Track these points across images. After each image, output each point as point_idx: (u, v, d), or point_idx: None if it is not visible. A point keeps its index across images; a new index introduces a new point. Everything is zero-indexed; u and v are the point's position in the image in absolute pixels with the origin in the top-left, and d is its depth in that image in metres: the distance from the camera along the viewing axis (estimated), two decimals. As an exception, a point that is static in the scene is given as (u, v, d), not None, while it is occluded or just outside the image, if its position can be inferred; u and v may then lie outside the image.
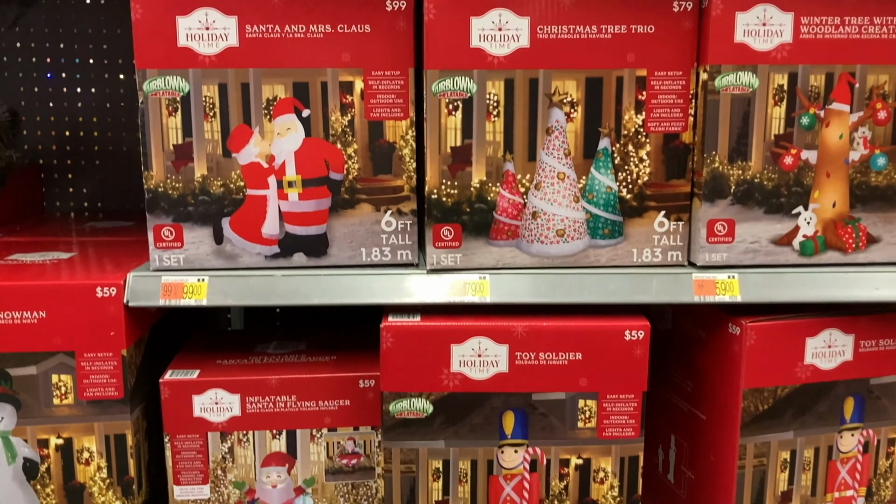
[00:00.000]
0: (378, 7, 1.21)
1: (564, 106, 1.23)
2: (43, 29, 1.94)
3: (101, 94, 1.96)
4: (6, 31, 1.93)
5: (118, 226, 1.75)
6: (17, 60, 1.95)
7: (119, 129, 1.98)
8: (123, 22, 1.93)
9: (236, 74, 1.21)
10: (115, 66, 1.96)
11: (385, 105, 1.23)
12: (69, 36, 1.94)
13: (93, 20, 1.94)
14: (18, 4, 1.90)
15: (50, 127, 1.97)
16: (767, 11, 1.20)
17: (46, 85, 1.96)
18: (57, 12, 1.93)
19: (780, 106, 1.23)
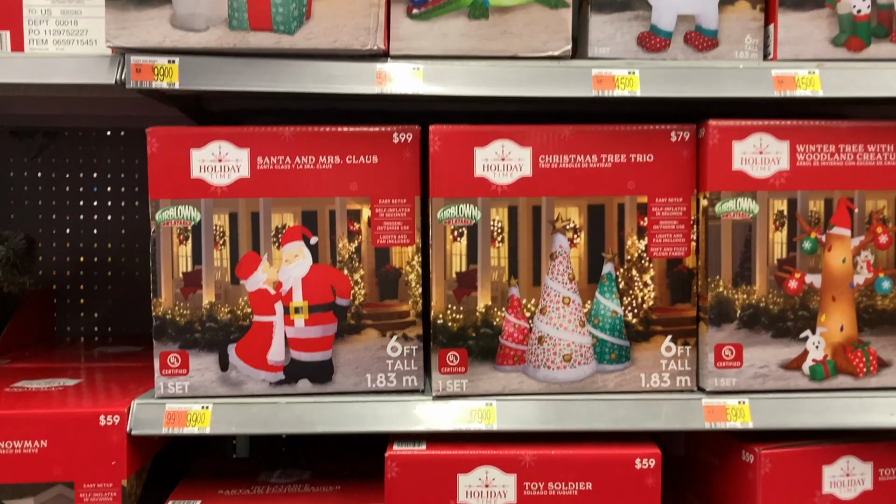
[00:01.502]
0: (385, 139, 1.25)
1: (567, 232, 1.25)
2: (64, 159, 2.01)
3: (115, 220, 2.01)
4: (29, 161, 2.00)
5: (126, 351, 1.75)
6: (37, 189, 2.01)
7: (132, 255, 2.01)
8: (140, 152, 2.00)
9: (247, 204, 1.24)
10: (131, 193, 2.01)
11: (392, 232, 1.26)
12: (88, 165, 2.01)
13: (112, 151, 2.01)
14: (43, 136, 1.98)
15: (64, 252, 2.00)
16: (763, 140, 1.24)
17: (63, 212, 2.01)
18: (78, 143, 2.00)
19: (781, 231, 1.25)
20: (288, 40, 1.20)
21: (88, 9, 1.29)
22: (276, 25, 1.19)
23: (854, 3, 1.23)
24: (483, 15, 1.22)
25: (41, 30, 1.29)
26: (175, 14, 1.19)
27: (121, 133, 2.01)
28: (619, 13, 1.25)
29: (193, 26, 1.19)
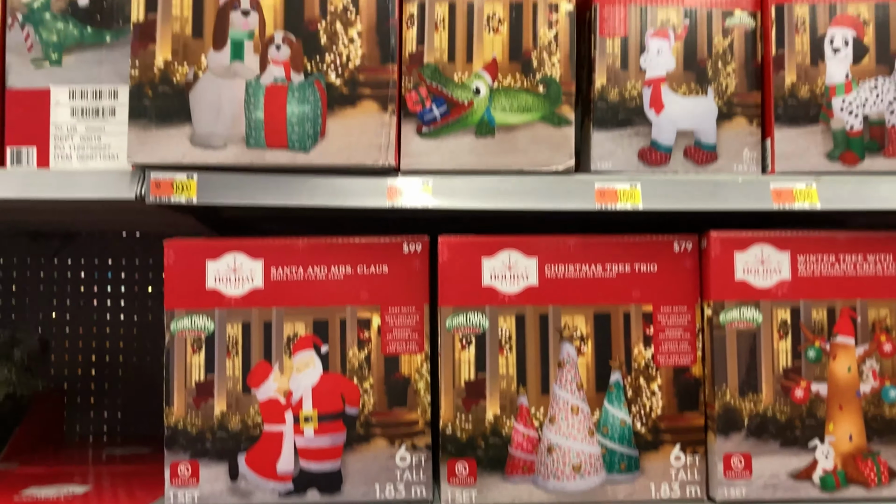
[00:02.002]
0: (395, 249, 1.29)
1: (575, 340, 1.27)
2: (79, 259, 2.05)
3: (128, 321, 2.04)
4: (46, 262, 2.05)
5: (135, 453, 1.75)
6: (52, 289, 2.05)
7: (143, 355, 2.04)
8: (153, 253, 2.04)
9: (260, 314, 1.27)
10: (143, 294, 2.05)
11: (401, 340, 1.28)
12: (103, 266, 2.05)
13: (127, 251, 2.06)
14: (60, 238, 2.03)
15: (76, 352, 2.03)
16: (764, 250, 1.27)
17: (77, 312, 2.04)
18: (94, 244, 2.05)
19: (785, 340, 1.26)
20: (303, 157, 1.25)
21: (112, 125, 1.34)
22: (291, 143, 1.24)
23: (846, 119, 1.28)
24: (489, 133, 1.27)
25: (66, 145, 1.34)
26: (194, 133, 1.24)
27: (136, 234, 2.06)
28: (620, 129, 1.30)
29: (212, 144, 1.24)
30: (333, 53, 1.25)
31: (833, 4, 1.30)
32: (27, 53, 1.35)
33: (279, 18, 1.25)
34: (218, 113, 1.25)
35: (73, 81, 1.34)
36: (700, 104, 1.30)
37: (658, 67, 1.30)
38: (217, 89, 1.25)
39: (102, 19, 1.35)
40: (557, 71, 1.26)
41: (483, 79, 1.27)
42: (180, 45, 1.24)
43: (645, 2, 1.31)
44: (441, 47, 1.27)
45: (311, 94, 1.25)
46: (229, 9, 1.25)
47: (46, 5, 1.35)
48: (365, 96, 1.25)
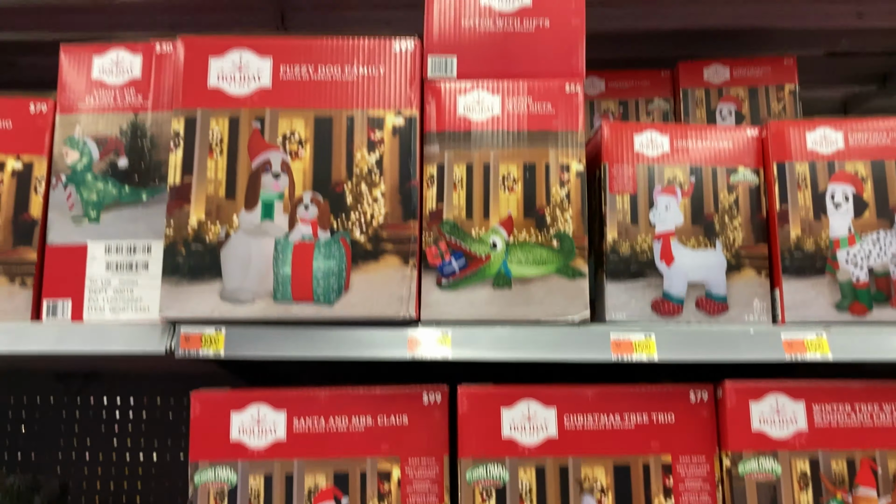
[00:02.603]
0: (415, 399, 1.31)
1: (595, 493, 1.27)
2: (101, 398, 2.08)
3: (148, 461, 2.05)
4: (68, 401, 2.07)
5: None
6: (73, 428, 2.07)
7: (161, 497, 2.03)
8: (175, 393, 2.07)
9: (282, 466, 1.28)
10: (166, 435, 2.06)
11: (421, 493, 1.28)
12: (125, 406, 2.07)
13: (149, 391, 2.09)
14: (83, 378, 2.07)
15: (96, 495, 2.02)
16: (779, 400, 1.28)
17: (98, 451, 2.05)
18: (117, 384, 2.08)
19: (806, 491, 1.26)
20: (328, 310, 1.29)
21: (144, 279, 1.40)
22: (317, 297, 1.30)
23: (852, 270, 1.33)
24: (506, 285, 1.32)
25: (100, 298, 1.40)
26: (224, 288, 1.30)
27: (158, 374, 2.09)
28: (633, 281, 1.35)
29: (240, 299, 1.30)
30: (358, 212, 1.31)
31: (832, 162, 1.37)
32: (68, 211, 1.43)
33: (308, 180, 1.32)
34: (247, 269, 1.31)
35: (110, 237, 1.42)
36: (709, 257, 1.35)
37: (667, 222, 1.36)
38: (247, 247, 1.31)
39: (140, 179, 1.43)
40: (570, 226, 1.32)
41: (499, 234, 1.33)
42: (214, 205, 1.31)
43: (652, 161, 1.39)
44: (459, 205, 1.34)
45: (336, 250, 1.31)
46: (261, 172, 1.33)
47: (88, 167, 1.44)
48: (387, 251, 1.31)
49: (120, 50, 1.47)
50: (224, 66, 1.34)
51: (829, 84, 2.37)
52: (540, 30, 1.40)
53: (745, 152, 1.40)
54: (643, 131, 1.40)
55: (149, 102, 1.45)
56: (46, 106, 1.46)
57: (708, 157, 1.40)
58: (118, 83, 1.46)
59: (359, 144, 1.33)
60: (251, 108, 1.33)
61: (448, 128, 1.35)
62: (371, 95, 1.34)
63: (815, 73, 2.31)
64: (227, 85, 1.34)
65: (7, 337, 1.31)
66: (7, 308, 1.39)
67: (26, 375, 2.07)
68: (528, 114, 1.35)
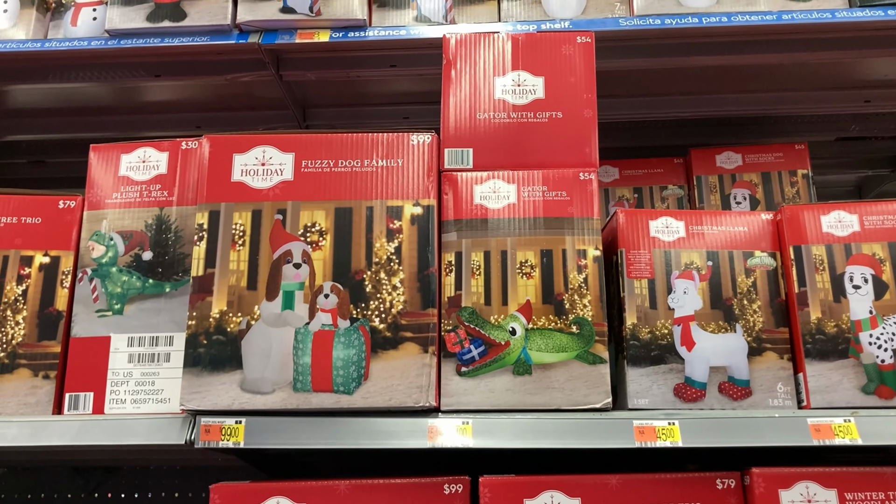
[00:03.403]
0: (437, 490, 1.29)
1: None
2: (120, 494, 2.06)
3: (163, 557, 2.01)
4: (86, 496, 2.05)
5: None
6: (90, 525, 2.04)
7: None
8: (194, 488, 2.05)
9: (301, 560, 1.26)
10: (182, 529, 2.03)
11: (443, 588, 1.25)
12: (143, 500, 2.05)
13: (167, 484, 2.07)
14: (102, 472, 2.05)
15: None
16: (810, 488, 1.25)
17: (113, 548, 2.02)
18: (135, 478, 2.06)
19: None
20: (347, 399, 1.29)
21: (165, 370, 1.41)
22: (336, 387, 1.30)
23: (876, 353, 1.31)
24: (526, 372, 1.31)
25: (121, 390, 1.41)
26: (245, 378, 1.30)
27: (177, 468, 2.08)
28: (654, 366, 1.34)
29: (261, 389, 1.30)
30: (378, 300, 1.33)
31: (848, 244, 1.37)
32: (92, 304, 1.45)
33: (328, 270, 1.34)
34: (267, 359, 1.31)
35: (133, 329, 1.43)
36: (730, 341, 1.35)
37: (686, 307, 1.36)
38: (268, 337, 1.32)
39: (163, 271, 1.46)
40: (589, 312, 1.33)
41: (518, 320, 1.34)
42: (235, 296, 1.33)
43: (668, 245, 1.40)
44: (478, 291, 1.35)
45: (356, 339, 1.32)
46: (282, 262, 1.35)
47: (114, 260, 1.47)
48: (407, 339, 1.31)
49: (147, 148, 1.52)
50: (247, 161, 1.39)
51: (841, 168, 2.40)
52: (553, 120, 1.44)
53: (760, 236, 1.41)
54: (658, 217, 1.42)
55: (174, 197, 1.49)
56: (75, 202, 1.51)
57: (724, 241, 1.41)
58: (145, 179, 1.50)
59: (378, 234, 1.35)
60: (273, 200, 1.37)
61: (465, 216, 1.38)
62: (390, 186, 1.37)
63: (828, 158, 2.34)
64: (250, 179, 1.38)
65: (29, 430, 1.31)
66: (30, 402, 1.40)
67: (45, 469, 2.06)
68: (543, 201, 1.38)
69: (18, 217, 1.50)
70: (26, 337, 1.43)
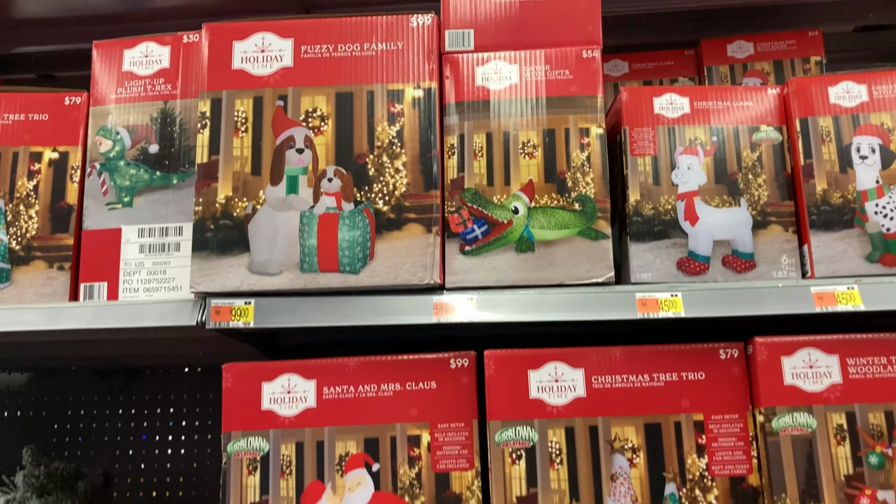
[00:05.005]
0: (443, 365, 1.32)
1: (626, 452, 1.26)
2: (143, 396, 2.12)
3: (188, 455, 2.08)
4: (111, 399, 2.12)
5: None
6: (116, 425, 2.11)
7: (203, 489, 2.06)
8: (214, 387, 2.10)
9: (313, 433, 1.30)
10: (205, 428, 2.09)
11: (451, 456, 1.28)
12: (166, 401, 2.11)
13: (188, 387, 2.12)
14: (125, 375, 2.11)
15: (138, 488, 2.06)
16: (812, 355, 1.26)
17: (139, 447, 2.09)
18: (157, 381, 2.12)
19: (843, 445, 1.23)
20: (353, 279, 1.31)
21: (176, 259, 1.44)
22: (342, 267, 1.31)
23: (881, 222, 1.30)
24: (529, 248, 1.32)
25: (134, 279, 1.44)
26: (252, 261, 1.33)
27: (197, 370, 2.13)
28: (658, 241, 1.34)
29: (268, 271, 1.32)
30: (381, 183, 1.33)
31: (856, 115, 1.35)
32: (102, 198, 1.47)
33: (331, 154, 1.35)
34: (274, 242, 1.33)
35: (142, 221, 1.46)
36: (734, 215, 1.34)
37: (690, 182, 1.36)
38: (273, 220, 1.34)
39: (170, 164, 1.48)
40: (592, 189, 1.33)
41: (521, 199, 1.34)
42: (240, 182, 1.34)
43: (672, 122, 1.39)
44: (480, 173, 1.35)
45: (360, 220, 1.33)
46: (285, 148, 1.36)
47: (121, 154, 1.48)
48: (410, 220, 1.32)
49: (149, 42, 1.52)
50: (247, 49, 1.38)
51: (857, 60, 2.34)
52: (555, 0, 1.42)
53: (766, 111, 1.39)
54: (663, 94, 1.40)
55: (177, 90, 1.49)
56: (80, 99, 1.52)
57: (729, 117, 1.39)
58: (148, 74, 1.50)
59: (379, 118, 1.35)
60: (274, 87, 1.37)
61: (467, 98, 1.37)
62: (390, 70, 1.37)
63: (845, 51, 2.28)
64: (250, 66, 1.38)
65: (46, 316, 1.35)
66: (46, 292, 1.44)
67: (69, 373, 2.12)
68: (546, 81, 1.36)
69: (26, 114, 1.51)
70: (40, 230, 1.46)
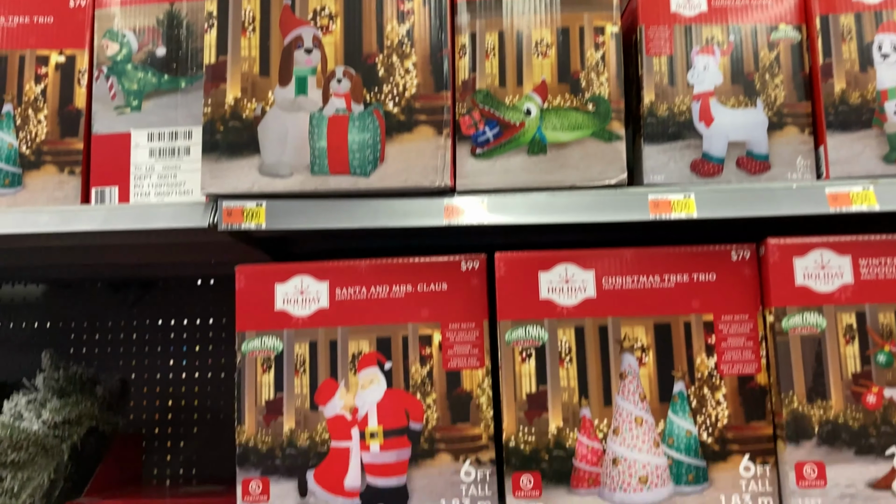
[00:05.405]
0: (454, 267, 1.32)
1: (636, 351, 1.27)
2: (156, 308, 2.15)
3: (203, 365, 2.11)
4: (125, 311, 2.15)
5: (211, 490, 1.79)
6: (131, 337, 2.14)
7: (217, 399, 2.10)
8: (227, 299, 2.12)
9: (326, 333, 1.31)
10: (218, 339, 2.12)
11: (462, 356, 1.30)
12: (179, 313, 2.14)
13: (201, 299, 2.14)
14: (138, 287, 2.13)
15: (154, 397, 2.10)
16: (824, 255, 1.26)
17: (154, 358, 2.12)
18: (171, 293, 2.14)
19: (852, 345, 1.24)
20: (364, 182, 1.31)
21: (186, 163, 1.43)
22: (353, 169, 1.31)
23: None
24: (541, 151, 1.31)
25: (145, 184, 1.44)
26: (263, 163, 1.32)
27: (210, 282, 2.15)
28: (671, 143, 1.33)
29: (279, 173, 1.32)
30: (391, 84, 1.31)
31: (879, 12, 1.31)
32: (111, 102, 1.46)
33: (339, 54, 1.33)
34: (284, 144, 1.32)
35: (152, 125, 1.45)
36: (750, 116, 1.32)
37: (705, 82, 1.33)
38: (283, 122, 1.33)
39: (178, 67, 1.46)
40: (606, 89, 1.30)
41: (533, 100, 1.32)
42: (249, 83, 1.33)
43: (689, 21, 1.35)
44: (492, 73, 1.33)
45: (370, 122, 1.32)
46: (293, 48, 1.34)
47: (128, 57, 1.46)
48: (421, 122, 1.31)
49: (153, -58, 1.48)
50: (253, -55, 1.35)
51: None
52: None
53: (786, 9, 1.36)
54: (679, -8, 1.36)
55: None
56: (85, 1, 1.49)
57: (747, 16, 1.35)
58: (152, -26, 1.47)
59: (389, 16, 1.33)
60: (281, -15, 1.34)
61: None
62: (400, -33, 1.33)
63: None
64: (256, -36, 1.34)
65: (58, 217, 1.35)
66: (58, 196, 1.44)
67: (83, 285, 2.14)
68: (559, -22, 1.33)
69: (30, 16, 1.49)
70: (49, 134, 1.46)
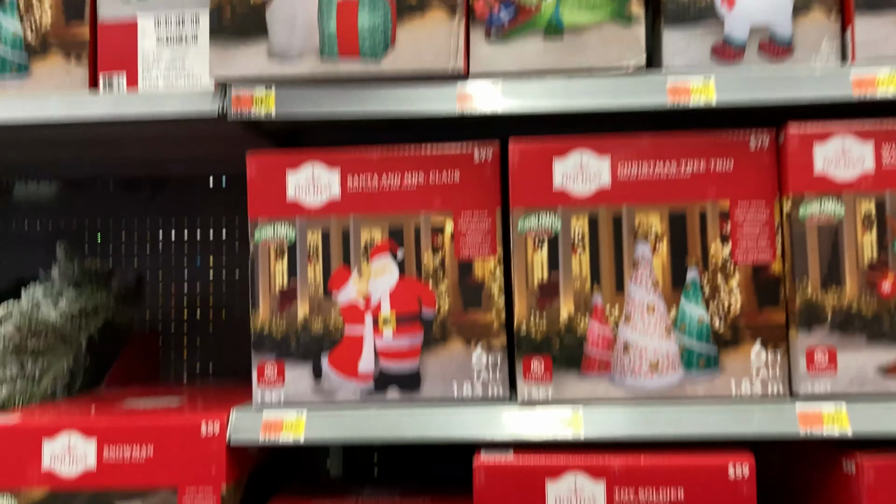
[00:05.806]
0: (466, 156, 1.30)
1: (649, 239, 1.26)
2: (169, 207, 2.15)
3: (217, 264, 2.13)
4: (138, 210, 2.15)
5: (227, 383, 1.83)
6: (145, 236, 2.15)
7: (232, 297, 2.12)
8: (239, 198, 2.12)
9: (338, 222, 1.31)
10: (231, 237, 2.13)
11: (474, 245, 1.30)
12: (192, 212, 2.14)
13: (213, 198, 2.14)
14: (151, 186, 2.13)
15: (169, 295, 2.12)
16: (846, 142, 1.23)
17: (168, 257, 2.14)
18: (183, 192, 2.14)
19: (870, 233, 1.23)
20: (374, 66, 1.28)
21: (194, 51, 1.41)
22: (363, 53, 1.28)
23: (932, 2, 1.23)
24: (558, 34, 1.27)
25: (153, 71, 1.41)
26: (271, 46, 1.29)
27: (222, 181, 2.14)
28: (692, 26, 1.28)
29: (288, 56, 1.29)
30: (402, -36, 1.27)
31: None
32: (116, -14, 1.42)
33: (349, -68, 1.28)
34: (293, 27, 1.29)
35: (158, 9, 1.42)
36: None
37: (729, -38, 1.28)
38: (291, 4, 1.29)
39: (183, -50, 1.41)
40: (625, -31, 1.26)
41: (550, -18, 1.28)
42: (255, -37, 1.29)
43: None
44: (507, -47, 1.28)
45: (381, 4, 1.28)
46: (301, -74, 1.29)
47: (131, -61, 1.42)
48: (433, 5, 1.27)
49: None
50: None
51: None
52: None
53: None
54: None
55: None
56: None
57: None
58: None
59: None
60: None
61: None
62: None
63: None
64: None
65: (68, 104, 1.34)
66: (65, 83, 1.42)
67: (95, 184, 2.14)
68: None
69: None
70: (55, 20, 1.42)
